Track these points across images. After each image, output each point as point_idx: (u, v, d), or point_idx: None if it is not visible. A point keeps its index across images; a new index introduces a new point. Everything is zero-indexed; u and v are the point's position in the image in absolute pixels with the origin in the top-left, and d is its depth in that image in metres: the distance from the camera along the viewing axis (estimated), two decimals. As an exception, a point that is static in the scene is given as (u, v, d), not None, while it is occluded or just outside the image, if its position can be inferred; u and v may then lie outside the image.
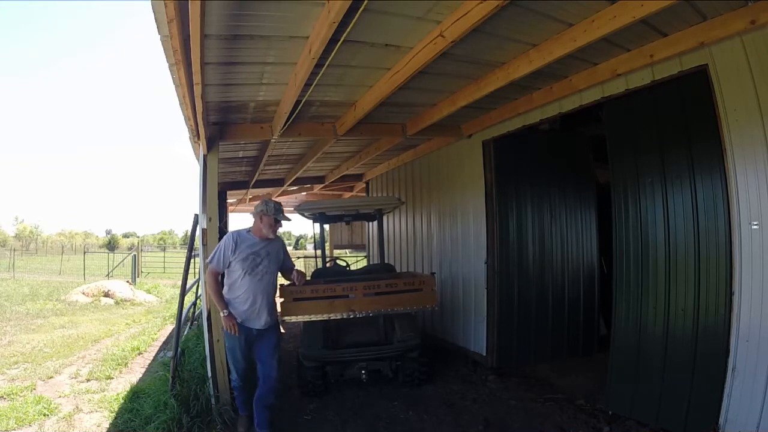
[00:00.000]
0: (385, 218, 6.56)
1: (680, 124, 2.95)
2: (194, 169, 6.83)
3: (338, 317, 3.78)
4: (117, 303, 10.45)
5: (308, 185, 8.53)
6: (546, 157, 4.89)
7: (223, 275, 3.15)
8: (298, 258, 16.18)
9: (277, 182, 7.66)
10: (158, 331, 7.31)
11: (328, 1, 2.13)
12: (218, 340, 3.59)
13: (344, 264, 5.59)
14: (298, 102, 3.34)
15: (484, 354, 4.72)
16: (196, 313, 6.46)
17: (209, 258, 3.12)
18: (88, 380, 4.69)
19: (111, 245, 48.66)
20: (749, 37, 2.44)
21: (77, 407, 3.88)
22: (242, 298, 3.05)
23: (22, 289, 12.50)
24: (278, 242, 3.30)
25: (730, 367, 2.58)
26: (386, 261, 5.59)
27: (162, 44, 2.46)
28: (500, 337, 4.62)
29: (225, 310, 3.00)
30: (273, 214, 3.10)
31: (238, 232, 3.16)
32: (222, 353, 3.58)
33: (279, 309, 4.16)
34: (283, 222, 3.17)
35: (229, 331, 3.00)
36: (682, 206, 2.93)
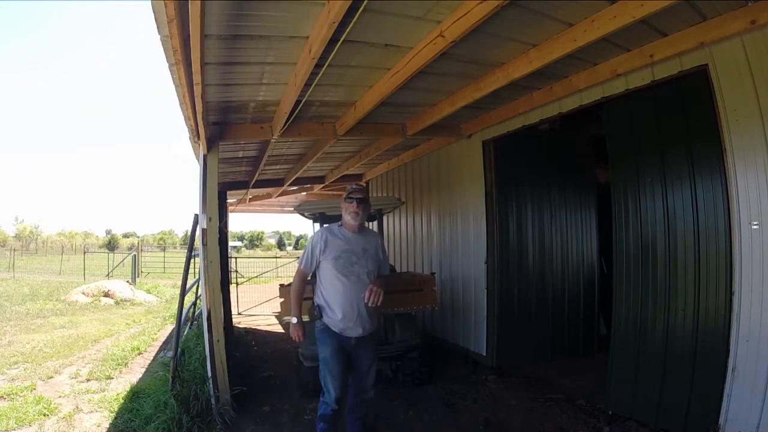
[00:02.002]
0: (385, 218, 6.56)
1: (680, 124, 2.95)
2: (194, 169, 6.83)
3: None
4: (117, 303, 10.45)
5: (308, 185, 8.52)
6: (546, 157, 4.89)
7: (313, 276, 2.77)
8: (298, 258, 16.20)
9: (277, 182, 7.66)
10: (158, 331, 7.31)
11: (328, 1, 2.13)
12: (218, 340, 3.59)
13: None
14: (298, 102, 3.34)
15: (484, 354, 4.72)
16: (196, 313, 6.46)
17: (300, 259, 2.77)
18: (88, 380, 4.69)
19: (111, 245, 48.66)
20: (749, 37, 2.44)
21: (77, 407, 3.88)
22: (337, 304, 2.62)
23: (22, 289, 12.50)
24: (375, 237, 2.90)
25: (730, 367, 2.58)
26: (386, 261, 5.58)
27: (162, 44, 2.46)
28: (500, 337, 4.62)
29: (294, 318, 2.70)
30: (346, 197, 2.71)
31: (329, 228, 2.78)
32: (222, 353, 3.58)
33: (280, 309, 4.16)
34: (360, 200, 2.69)
35: (295, 339, 2.75)
36: (682, 206, 2.94)
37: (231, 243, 16.10)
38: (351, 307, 2.62)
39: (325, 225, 2.75)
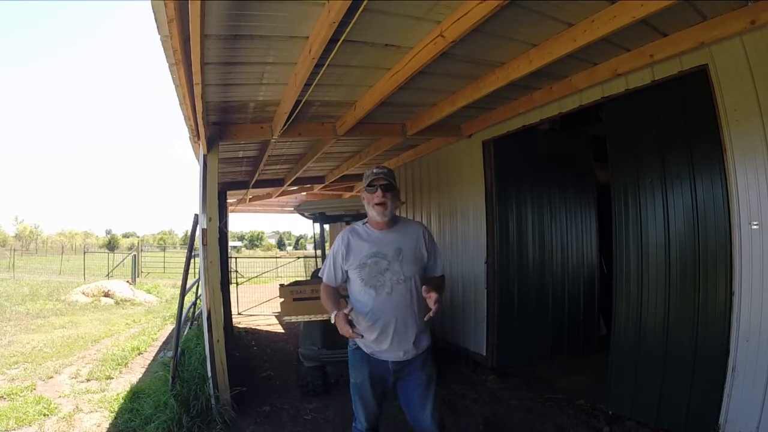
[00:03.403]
0: (385, 218, 6.53)
1: (680, 124, 2.95)
2: (194, 169, 6.84)
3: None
4: (117, 303, 10.46)
5: (308, 185, 8.53)
6: (546, 157, 4.89)
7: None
8: (298, 258, 16.21)
9: (277, 182, 7.66)
10: (158, 331, 7.32)
11: (328, 1, 2.13)
12: (218, 340, 3.59)
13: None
14: (298, 102, 3.34)
15: (484, 354, 4.72)
16: (196, 313, 6.47)
17: (321, 270, 2.30)
18: (88, 380, 4.69)
19: (111, 245, 48.64)
20: (749, 37, 2.44)
21: (77, 407, 3.88)
22: (365, 324, 2.06)
23: (22, 289, 12.50)
24: (416, 229, 2.20)
25: (730, 367, 2.58)
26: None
27: (162, 44, 2.46)
28: (500, 337, 4.62)
29: (332, 314, 2.04)
30: (366, 185, 2.13)
31: (353, 228, 2.22)
32: (222, 353, 3.58)
33: (280, 309, 4.16)
34: (386, 186, 2.10)
35: (347, 335, 1.96)
36: (682, 206, 2.94)
37: (231, 243, 16.10)
38: (384, 327, 2.05)
39: (351, 225, 2.29)
